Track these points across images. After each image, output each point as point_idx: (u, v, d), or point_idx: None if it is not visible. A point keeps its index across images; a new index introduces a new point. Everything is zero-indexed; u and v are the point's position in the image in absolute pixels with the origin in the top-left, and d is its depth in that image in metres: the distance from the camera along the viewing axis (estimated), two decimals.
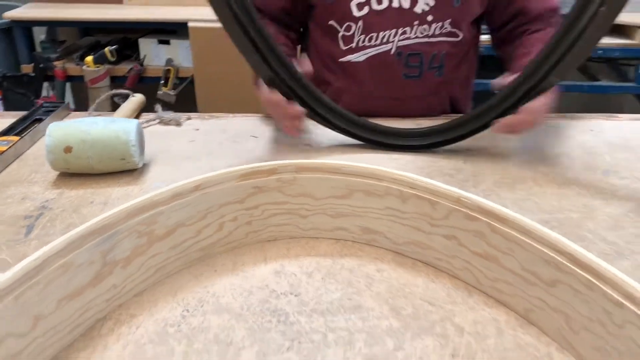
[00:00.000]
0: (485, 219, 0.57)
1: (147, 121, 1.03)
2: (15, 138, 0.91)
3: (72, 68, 2.28)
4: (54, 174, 0.84)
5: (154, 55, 2.30)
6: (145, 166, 0.86)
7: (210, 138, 0.98)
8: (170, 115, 1.03)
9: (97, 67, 2.16)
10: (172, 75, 2.19)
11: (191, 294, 0.59)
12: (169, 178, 0.83)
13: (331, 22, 1.02)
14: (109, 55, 2.16)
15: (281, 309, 0.57)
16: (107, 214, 0.54)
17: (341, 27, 1.01)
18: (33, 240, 0.68)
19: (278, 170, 0.66)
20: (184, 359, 0.50)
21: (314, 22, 1.08)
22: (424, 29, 1.00)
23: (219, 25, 0.80)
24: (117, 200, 0.77)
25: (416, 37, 1.01)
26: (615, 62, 2.66)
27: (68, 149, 0.79)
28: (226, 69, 2.06)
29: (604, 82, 2.56)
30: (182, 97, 2.23)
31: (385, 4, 0.98)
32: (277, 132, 1.01)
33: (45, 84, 2.30)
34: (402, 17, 0.99)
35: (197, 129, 1.02)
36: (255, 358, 0.50)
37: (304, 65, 0.89)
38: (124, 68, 2.28)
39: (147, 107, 1.10)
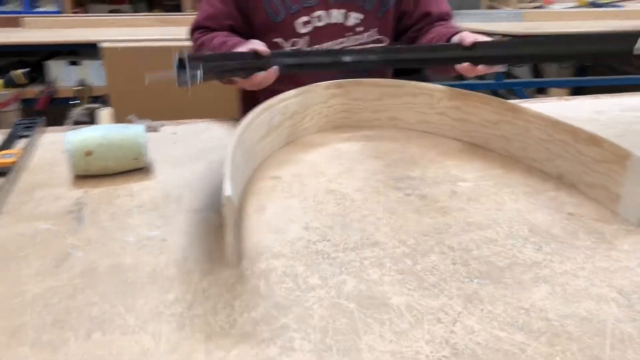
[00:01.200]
0: (460, 98, 1.10)
1: None
2: (17, 151, 0.99)
3: None
4: (69, 177, 0.94)
5: (64, 76, 2.31)
6: (148, 165, 0.99)
7: (191, 139, 1.12)
8: (147, 123, 1.15)
9: (7, 90, 2.13)
10: (85, 95, 2.22)
11: (249, 248, 0.74)
12: (173, 172, 0.97)
13: (277, 40, 1.20)
14: (21, 78, 2.14)
15: (321, 250, 0.75)
16: (268, 101, 0.99)
17: (287, 42, 1.20)
18: (90, 227, 0.79)
19: (343, 84, 1.15)
20: (267, 288, 0.66)
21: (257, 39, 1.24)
22: (357, 38, 1.23)
23: (130, 44, 0.98)
24: (140, 191, 0.90)
25: (352, 46, 1.23)
26: None
27: (89, 153, 0.90)
28: (140, 86, 2.15)
29: (471, 81, 2.99)
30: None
31: (325, 20, 1.19)
32: None
33: None
34: (339, 30, 1.21)
35: (175, 133, 1.16)
36: (319, 281, 0.68)
37: (257, 44, 1.05)
38: (34, 90, 2.27)
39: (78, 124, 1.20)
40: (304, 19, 1.18)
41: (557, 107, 1.39)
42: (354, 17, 1.20)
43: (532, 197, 0.90)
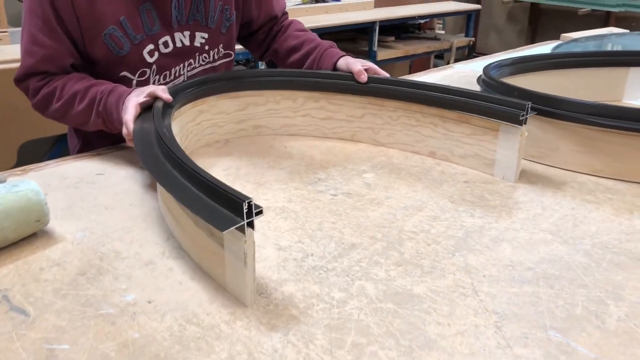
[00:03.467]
0: (324, 98, 1.19)
1: None
2: None
3: None
4: None
5: None
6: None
7: (62, 185, 0.95)
8: None
9: None
10: None
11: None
12: (79, 226, 0.83)
13: (123, 74, 1.08)
14: None
15: (315, 265, 0.75)
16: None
17: (134, 75, 1.09)
18: (44, 314, 0.64)
19: (208, 101, 1.12)
20: (304, 315, 0.65)
21: (99, 77, 1.07)
22: (205, 57, 1.19)
23: None
24: (64, 257, 0.75)
25: (201, 65, 1.19)
26: None
27: None
28: None
29: None
30: None
31: (170, 46, 1.11)
32: (107, 164, 1.04)
33: None
34: (186, 52, 1.15)
35: None
36: (342, 293, 0.69)
37: (158, 91, 0.95)
38: None
39: None
40: (150, 47, 1.08)
41: None
42: (200, 37, 1.15)
43: (428, 175, 1.04)
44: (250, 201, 0.61)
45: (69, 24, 1.01)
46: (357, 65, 1.13)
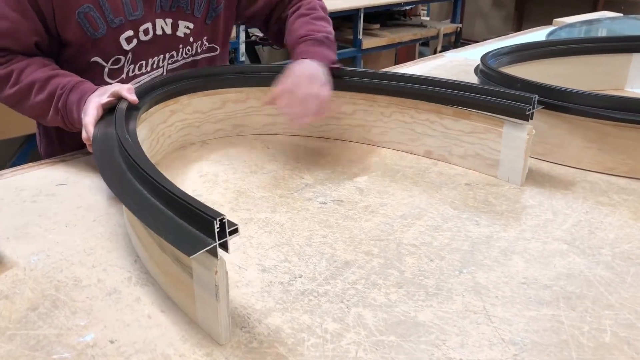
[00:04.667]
0: None
1: None
2: None
3: None
4: None
5: None
6: None
7: (18, 199, 0.85)
8: None
9: None
10: None
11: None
12: (32, 250, 0.73)
13: (95, 59, 0.98)
14: None
15: (304, 290, 0.65)
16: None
17: (107, 62, 0.98)
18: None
19: (180, 100, 1.02)
20: (294, 353, 0.56)
21: (67, 62, 0.98)
22: (188, 50, 1.08)
23: None
24: (13, 289, 0.65)
25: (183, 59, 1.08)
26: None
27: None
28: None
29: None
30: None
31: (151, 34, 1.00)
32: (70, 172, 0.94)
33: None
34: (168, 43, 1.04)
35: None
36: (337, 324, 0.60)
37: (122, 90, 0.85)
38: None
39: None
40: (129, 33, 0.98)
41: None
42: (184, 27, 1.04)
43: (425, 177, 0.95)
44: (223, 218, 0.51)
45: None
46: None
